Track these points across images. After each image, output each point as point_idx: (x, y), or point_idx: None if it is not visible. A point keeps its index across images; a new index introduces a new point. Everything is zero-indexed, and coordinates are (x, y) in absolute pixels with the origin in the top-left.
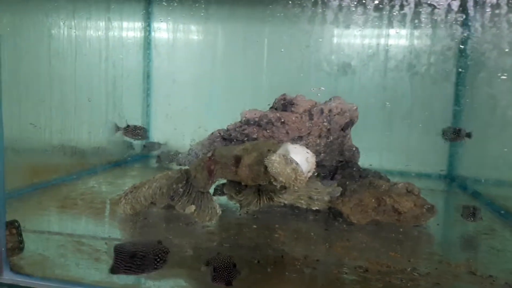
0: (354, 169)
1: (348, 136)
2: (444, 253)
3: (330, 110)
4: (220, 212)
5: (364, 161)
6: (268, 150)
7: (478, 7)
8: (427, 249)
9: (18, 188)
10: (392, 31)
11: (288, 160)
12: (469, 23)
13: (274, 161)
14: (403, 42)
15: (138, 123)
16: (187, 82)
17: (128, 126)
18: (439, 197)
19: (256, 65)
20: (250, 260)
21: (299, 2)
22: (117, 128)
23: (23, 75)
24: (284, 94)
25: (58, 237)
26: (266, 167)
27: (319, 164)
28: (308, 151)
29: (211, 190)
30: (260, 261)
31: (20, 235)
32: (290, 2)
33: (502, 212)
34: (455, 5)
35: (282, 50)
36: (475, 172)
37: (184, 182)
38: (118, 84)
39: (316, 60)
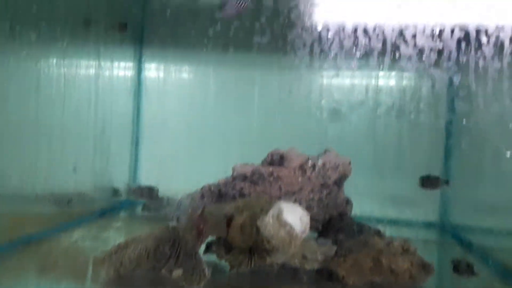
0: (348, 223)
1: (341, 189)
2: None
3: (323, 165)
4: (209, 275)
5: (355, 208)
6: (261, 210)
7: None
8: None
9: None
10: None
11: (282, 222)
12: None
13: (267, 224)
14: (392, 85)
15: (126, 167)
16: (178, 126)
17: (139, 186)
18: (432, 249)
19: (248, 109)
20: None
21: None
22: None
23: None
24: (277, 149)
25: None
26: (258, 229)
27: (312, 219)
28: (302, 209)
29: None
30: None
31: None
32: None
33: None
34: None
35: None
36: (468, 220)
37: (171, 243)
38: (107, 128)
39: (306, 105)
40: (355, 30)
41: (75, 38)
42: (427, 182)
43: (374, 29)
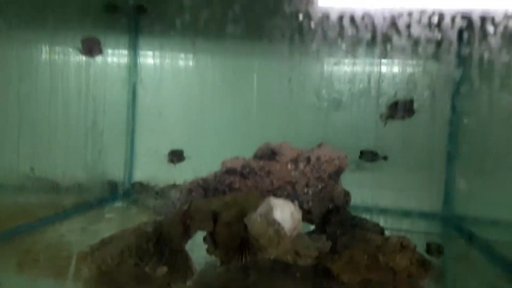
0: (345, 217)
1: (338, 183)
2: None
3: (317, 158)
4: (196, 271)
5: (356, 199)
6: (250, 206)
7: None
8: None
9: None
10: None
11: (270, 221)
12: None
13: (255, 222)
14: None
15: (121, 160)
16: (174, 116)
17: (172, 151)
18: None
19: (247, 98)
20: None
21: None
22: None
23: None
24: (267, 143)
25: None
26: (246, 227)
27: (308, 212)
28: (293, 205)
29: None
30: None
31: None
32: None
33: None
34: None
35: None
36: (473, 211)
37: (155, 239)
38: (99, 119)
39: (306, 94)
40: (357, 16)
41: (63, 22)
42: (366, 155)
43: (377, 14)
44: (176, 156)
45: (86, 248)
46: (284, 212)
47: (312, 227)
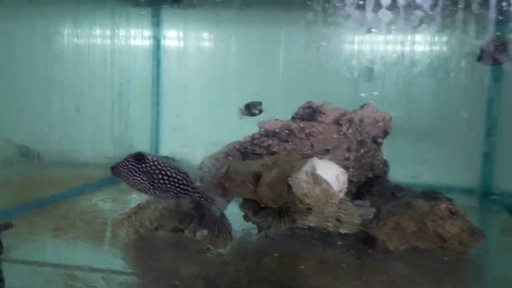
0: (386, 185)
1: (380, 148)
2: None
3: (361, 120)
4: (236, 236)
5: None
6: (292, 166)
7: None
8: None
9: (6, 207)
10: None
11: (317, 180)
12: None
13: (301, 180)
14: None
15: (147, 134)
16: (199, 89)
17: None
18: (475, 216)
19: (272, 70)
20: None
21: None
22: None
23: (19, 81)
24: (309, 101)
25: (49, 270)
26: (290, 187)
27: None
28: (339, 167)
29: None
30: None
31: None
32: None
33: None
34: None
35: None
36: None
37: (194, 202)
38: (125, 91)
39: (335, 65)
40: None
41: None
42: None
43: None
44: (254, 107)
45: (122, 214)
46: (330, 172)
47: (349, 198)
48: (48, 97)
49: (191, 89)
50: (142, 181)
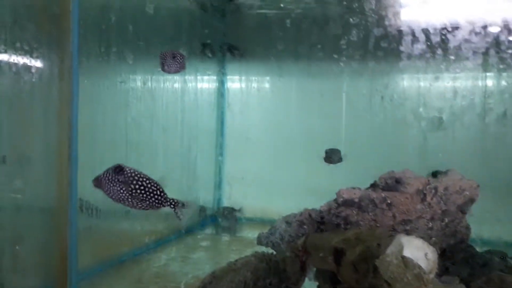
0: (470, 254)
1: (465, 216)
2: None
3: (446, 188)
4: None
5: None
6: (378, 244)
7: None
8: None
9: (90, 265)
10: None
11: (408, 264)
12: None
13: (390, 264)
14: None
15: (211, 184)
16: (261, 140)
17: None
18: None
19: (335, 121)
20: None
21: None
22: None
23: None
24: (391, 171)
25: None
26: (376, 268)
27: None
28: (427, 245)
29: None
30: None
31: None
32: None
33: None
34: None
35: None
36: None
37: (272, 276)
38: (193, 144)
39: (402, 113)
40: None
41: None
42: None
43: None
44: (334, 155)
45: (196, 281)
46: (419, 252)
47: None
48: (126, 157)
49: (253, 139)
50: (121, 191)
